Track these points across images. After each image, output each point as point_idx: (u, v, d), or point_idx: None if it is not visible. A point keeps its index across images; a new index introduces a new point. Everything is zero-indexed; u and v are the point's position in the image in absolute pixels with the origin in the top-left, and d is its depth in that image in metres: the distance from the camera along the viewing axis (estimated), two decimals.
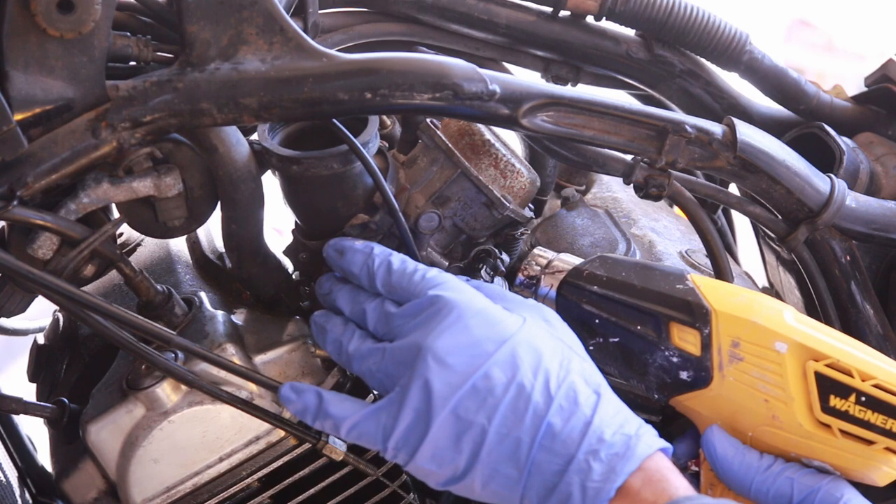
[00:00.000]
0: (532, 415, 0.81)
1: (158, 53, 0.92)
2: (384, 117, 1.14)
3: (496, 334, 0.84)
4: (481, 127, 1.00)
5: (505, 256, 1.08)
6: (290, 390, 0.89)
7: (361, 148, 0.95)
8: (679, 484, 0.79)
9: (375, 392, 0.99)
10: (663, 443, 0.83)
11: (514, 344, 0.83)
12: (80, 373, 1.11)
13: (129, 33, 0.93)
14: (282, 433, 0.98)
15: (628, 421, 0.83)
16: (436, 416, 0.81)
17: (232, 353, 0.96)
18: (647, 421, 0.86)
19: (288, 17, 0.89)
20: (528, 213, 1.04)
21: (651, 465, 0.80)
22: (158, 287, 1.00)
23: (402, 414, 0.83)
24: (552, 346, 0.85)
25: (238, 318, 1.04)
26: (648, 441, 0.81)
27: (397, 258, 0.92)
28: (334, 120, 0.96)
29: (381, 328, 0.90)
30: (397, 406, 0.83)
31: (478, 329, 0.84)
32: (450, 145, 0.99)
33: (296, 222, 1.07)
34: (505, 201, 1.00)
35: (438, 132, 1.00)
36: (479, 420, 0.81)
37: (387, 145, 1.05)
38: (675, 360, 0.89)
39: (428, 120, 1.01)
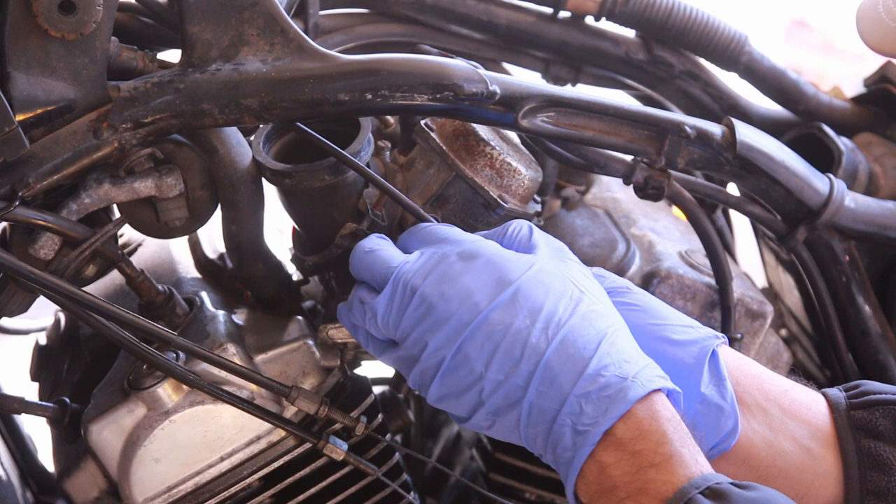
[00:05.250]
0: (528, 360, 0.79)
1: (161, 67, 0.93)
2: (387, 116, 1.14)
3: (499, 278, 0.82)
4: (477, 126, 1.00)
5: None
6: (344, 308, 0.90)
7: (350, 157, 0.94)
8: (675, 438, 0.75)
9: None
10: (664, 382, 0.79)
11: (516, 287, 0.82)
12: (81, 373, 1.11)
13: (135, 47, 0.93)
14: (282, 433, 0.98)
15: (630, 361, 0.79)
16: (442, 363, 0.82)
17: (233, 353, 0.96)
18: None
19: (289, 18, 0.89)
20: (532, 207, 1.03)
21: (645, 414, 0.76)
22: (160, 287, 1.00)
23: (414, 360, 0.83)
24: (559, 287, 0.83)
25: (239, 318, 1.04)
26: (645, 382, 0.77)
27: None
28: (318, 136, 0.95)
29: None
30: (407, 352, 0.84)
31: (480, 274, 0.83)
32: (444, 147, 0.99)
33: (293, 237, 1.07)
34: (502, 201, 0.99)
35: (433, 134, 1.00)
36: (478, 367, 0.81)
37: (389, 145, 1.05)
38: None
39: (423, 122, 1.01)
